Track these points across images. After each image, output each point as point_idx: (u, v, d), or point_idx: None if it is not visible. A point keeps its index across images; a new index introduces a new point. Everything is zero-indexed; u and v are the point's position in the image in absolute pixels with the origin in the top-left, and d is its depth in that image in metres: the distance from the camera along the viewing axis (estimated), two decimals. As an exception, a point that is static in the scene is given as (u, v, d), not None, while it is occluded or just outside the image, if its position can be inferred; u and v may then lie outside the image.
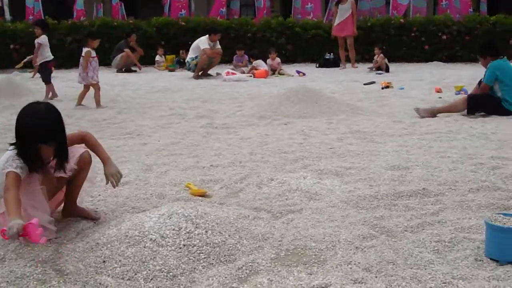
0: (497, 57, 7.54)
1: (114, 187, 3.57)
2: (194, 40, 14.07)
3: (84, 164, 3.51)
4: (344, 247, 3.06)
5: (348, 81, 12.34)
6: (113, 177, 3.49)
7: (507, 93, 7.33)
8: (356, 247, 3.04)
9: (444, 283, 2.62)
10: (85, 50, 8.89)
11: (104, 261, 2.88)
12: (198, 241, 3.01)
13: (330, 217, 3.56)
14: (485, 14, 19.06)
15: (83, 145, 3.52)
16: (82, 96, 9.07)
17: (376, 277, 2.70)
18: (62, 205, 3.65)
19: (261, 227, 3.41)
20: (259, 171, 4.73)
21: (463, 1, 19.12)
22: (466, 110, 7.48)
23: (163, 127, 7.08)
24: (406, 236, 3.22)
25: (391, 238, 3.19)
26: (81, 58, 8.91)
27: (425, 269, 2.78)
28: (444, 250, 3.01)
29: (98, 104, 8.91)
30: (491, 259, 2.86)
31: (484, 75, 7.53)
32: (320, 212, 3.67)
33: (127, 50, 15.52)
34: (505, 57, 7.81)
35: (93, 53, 8.90)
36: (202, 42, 13.55)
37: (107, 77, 13.50)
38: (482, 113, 7.42)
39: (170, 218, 3.16)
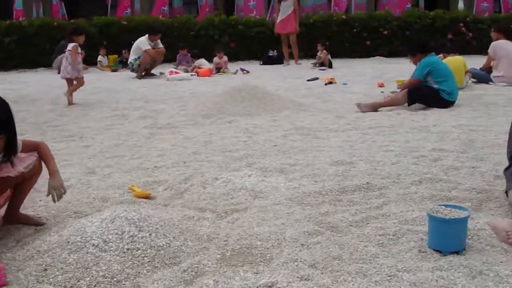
0: (425, 54, 7.72)
1: (55, 201, 3.45)
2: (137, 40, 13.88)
3: (34, 171, 3.42)
4: (290, 244, 3.06)
5: (292, 77, 12.40)
6: (55, 190, 3.38)
7: (442, 84, 7.54)
8: (302, 244, 3.04)
9: (389, 276, 2.64)
10: (71, 44, 8.88)
11: (45, 269, 2.80)
12: (142, 244, 2.96)
13: (275, 215, 3.55)
14: (423, 9, 19.45)
15: (35, 153, 3.43)
16: (71, 92, 9.10)
17: (322, 273, 2.71)
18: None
19: (206, 227, 3.38)
20: (204, 170, 4.70)
21: (401, -4, 19.51)
22: (407, 103, 7.62)
23: (106, 129, 6.96)
24: (351, 231, 3.25)
25: (336, 234, 3.21)
26: (67, 52, 8.88)
27: (370, 263, 2.80)
28: (389, 243, 3.04)
29: (69, 97, 8.98)
30: (434, 250, 2.90)
31: (414, 71, 7.76)
32: (265, 210, 3.66)
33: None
34: (434, 53, 8.03)
35: (79, 49, 8.87)
36: (143, 43, 13.32)
37: (49, 78, 13.25)
38: (423, 106, 7.57)
39: (113, 222, 3.10)
